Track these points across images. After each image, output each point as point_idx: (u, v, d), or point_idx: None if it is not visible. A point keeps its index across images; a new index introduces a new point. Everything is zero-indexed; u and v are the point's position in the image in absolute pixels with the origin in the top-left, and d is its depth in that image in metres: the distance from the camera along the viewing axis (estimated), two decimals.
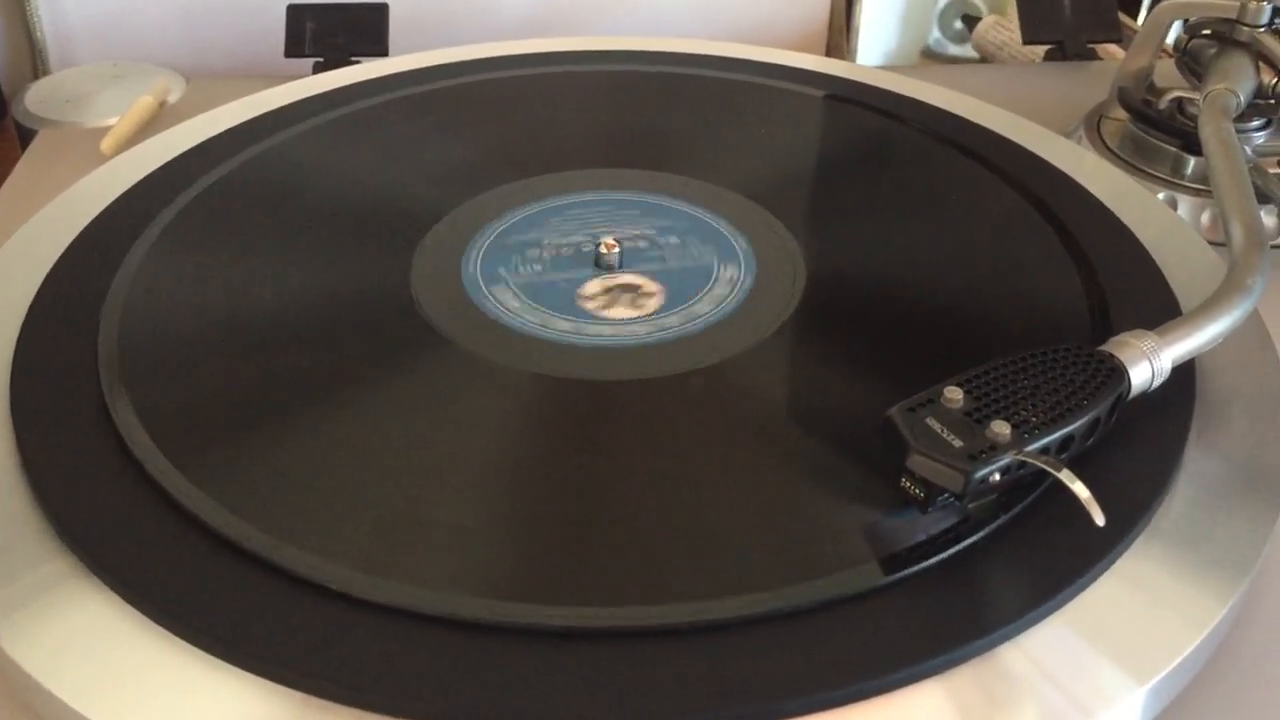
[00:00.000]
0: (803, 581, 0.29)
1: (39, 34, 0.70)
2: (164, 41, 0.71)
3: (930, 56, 0.80)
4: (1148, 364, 0.33)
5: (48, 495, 0.32)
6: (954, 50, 0.80)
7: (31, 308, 0.39)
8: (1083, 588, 0.30)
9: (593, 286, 0.41)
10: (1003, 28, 0.77)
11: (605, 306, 0.40)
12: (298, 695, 0.27)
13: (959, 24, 0.79)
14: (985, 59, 0.77)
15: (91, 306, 0.38)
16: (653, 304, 0.40)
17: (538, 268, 0.42)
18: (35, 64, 0.71)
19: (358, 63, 0.60)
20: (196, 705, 0.27)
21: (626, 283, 0.41)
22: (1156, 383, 0.34)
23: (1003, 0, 0.80)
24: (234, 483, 0.32)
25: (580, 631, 0.28)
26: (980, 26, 0.78)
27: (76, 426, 0.34)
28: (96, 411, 0.34)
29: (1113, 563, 0.30)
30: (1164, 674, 0.28)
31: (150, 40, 0.71)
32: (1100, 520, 0.29)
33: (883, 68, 0.59)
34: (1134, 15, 0.81)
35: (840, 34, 0.78)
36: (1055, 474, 0.29)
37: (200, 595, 0.29)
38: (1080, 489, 0.29)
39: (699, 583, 0.29)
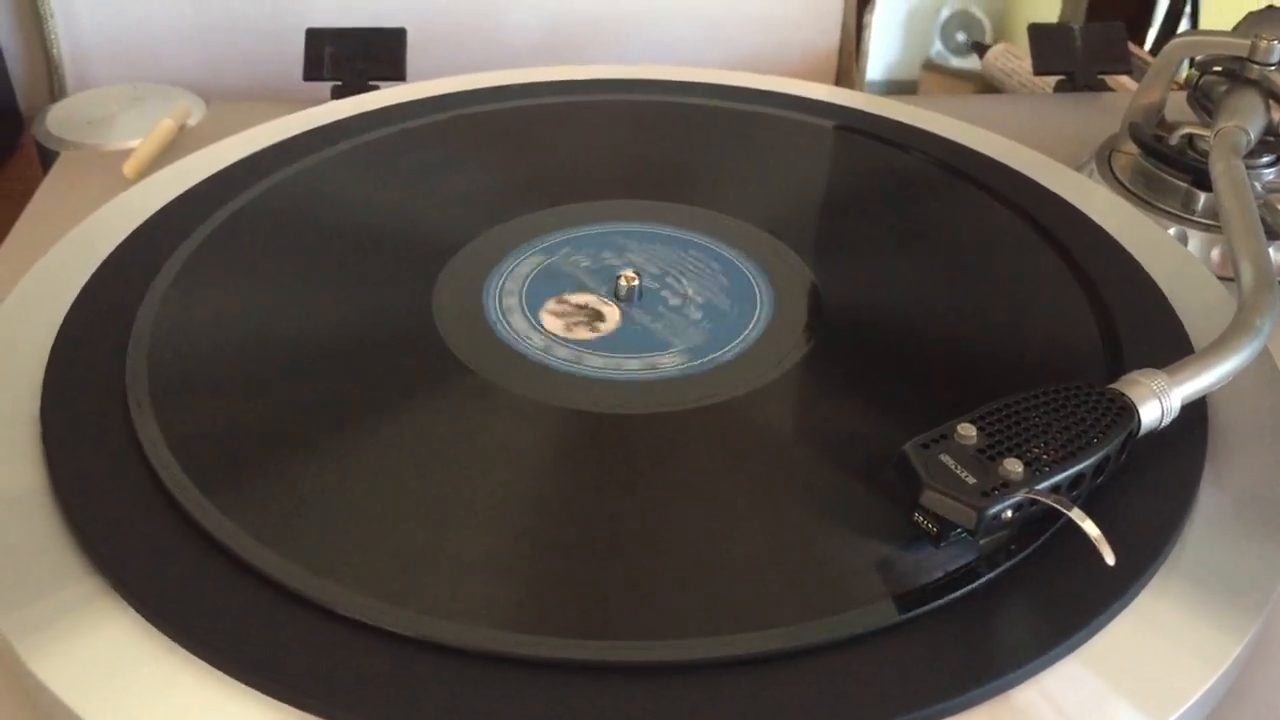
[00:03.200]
0: (814, 619, 0.29)
1: (56, 53, 0.71)
2: (181, 62, 0.72)
3: (932, 69, 0.81)
4: (1157, 403, 0.34)
5: (76, 517, 0.32)
6: (956, 63, 0.80)
7: (60, 332, 0.39)
8: (1099, 627, 0.30)
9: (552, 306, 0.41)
10: (1012, 55, 0.77)
11: (566, 329, 0.40)
12: None
13: (961, 37, 0.80)
14: (994, 86, 0.78)
15: (119, 332, 0.39)
16: (606, 328, 0.41)
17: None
18: (52, 84, 0.72)
19: (376, 87, 0.60)
20: None
21: (587, 305, 0.42)
22: (1166, 421, 0.34)
23: (1002, 11, 0.80)
24: (258, 508, 0.32)
25: (591, 665, 0.28)
26: (990, 54, 0.79)
27: (105, 450, 0.34)
28: (124, 436, 0.35)
29: (1129, 601, 0.31)
30: (1180, 712, 0.28)
31: (167, 61, 0.71)
32: (1110, 559, 0.29)
33: (896, 95, 0.60)
34: (1141, 41, 0.82)
35: (850, 58, 0.79)
36: (1066, 512, 0.30)
37: (223, 619, 0.29)
38: (1090, 528, 0.29)
39: (711, 619, 0.29)
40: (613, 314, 0.41)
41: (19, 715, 0.30)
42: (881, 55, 0.78)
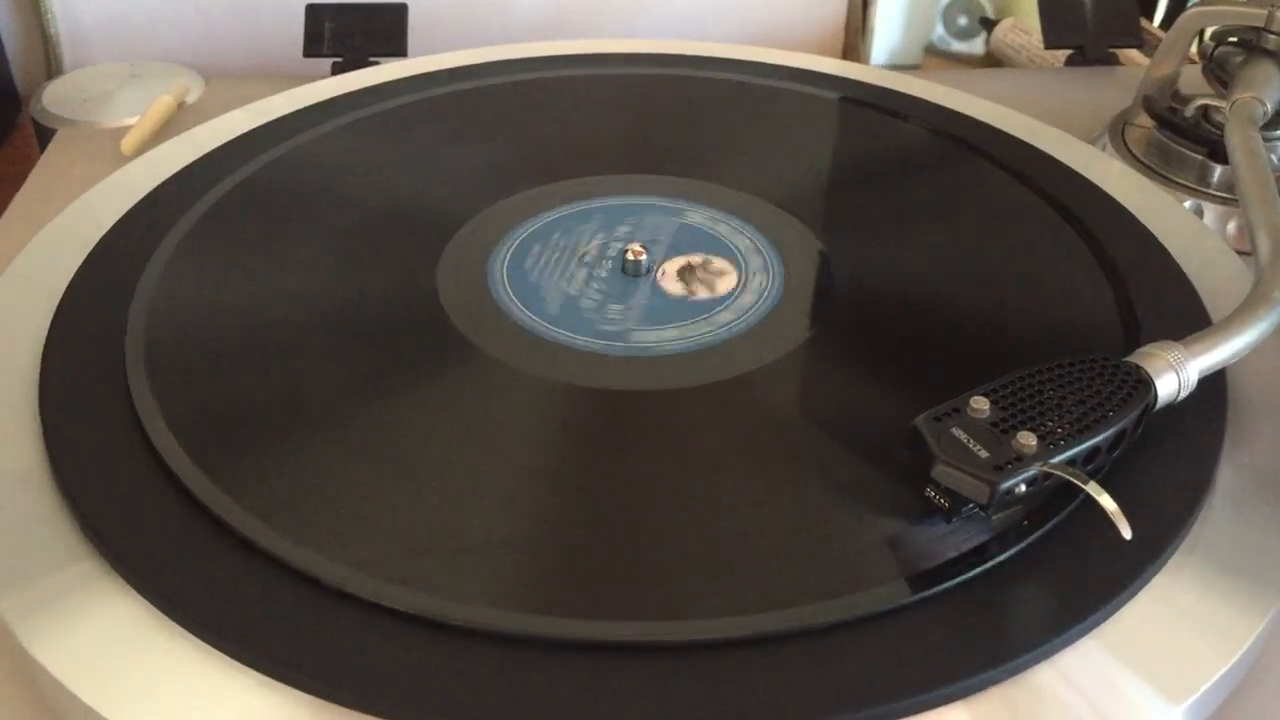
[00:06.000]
0: (828, 598, 0.29)
1: (53, 31, 0.70)
2: (179, 40, 0.71)
3: (935, 53, 0.80)
4: (1174, 375, 0.33)
5: (75, 496, 0.32)
6: (958, 46, 0.80)
7: (58, 309, 0.39)
8: (1117, 607, 0.29)
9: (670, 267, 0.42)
10: (1020, 31, 0.77)
11: (676, 282, 0.41)
12: (319, 702, 0.27)
13: (963, 21, 0.79)
14: (1003, 62, 0.77)
15: (118, 309, 0.38)
16: (724, 284, 0.41)
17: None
18: (49, 62, 0.71)
19: (377, 63, 0.60)
20: (217, 709, 0.27)
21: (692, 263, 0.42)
22: (1183, 394, 0.33)
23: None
24: (259, 486, 0.32)
25: (600, 645, 0.28)
26: (998, 29, 0.78)
27: (104, 429, 0.34)
28: (124, 414, 0.34)
29: (1147, 581, 0.30)
30: (1199, 693, 0.28)
31: (165, 38, 0.71)
32: (1127, 533, 0.29)
33: (907, 73, 0.59)
34: (1150, 17, 0.81)
35: (856, 36, 0.78)
36: (1082, 486, 0.29)
37: (224, 599, 0.29)
38: (1107, 501, 0.29)
39: (722, 598, 0.29)
40: (730, 274, 0.42)
41: (21, 698, 0.29)
42: (884, 40, 0.78)
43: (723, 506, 0.32)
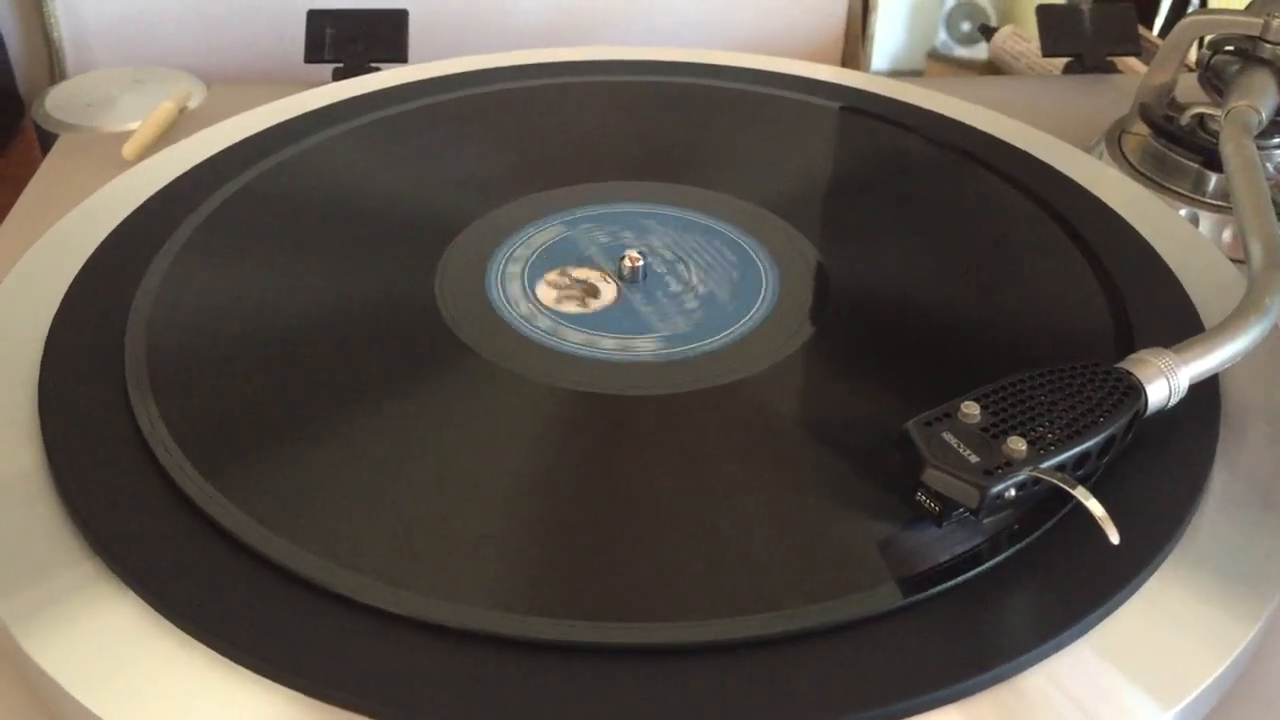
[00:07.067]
0: (820, 601, 0.29)
1: (56, 35, 0.71)
2: (181, 45, 0.71)
3: (937, 58, 0.80)
4: (1165, 382, 0.33)
5: (74, 499, 0.32)
6: (960, 52, 0.80)
7: (59, 314, 0.39)
8: (1108, 612, 0.29)
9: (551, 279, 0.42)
10: (1020, 38, 0.77)
11: (556, 301, 0.41)
12: (316, 703, 0.27)
13: (966, 26, 0.79)
14: (1002, 69, 0.77)
15: (118, 314, 0.39)
16: (598, 304, 0.41)
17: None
18: (52, 67, 0.71)
19: (378, 69, 0.60)
20: (215, 710, 0.27)
21: (586, 280, 0.42)
22: (1174, 401, 0.34)
23: (1010, 3, 0.80)
24: (258, 490, 0.32)
25: (594, 647, 0.28)
26: (997, 37, 0.78)
27: (103, 432, 0.34)
28: (123, 418, 0.34)
29: (1139, 586, 0.30)
30: (1191, 698, 0.28)
31: (168, 44, 0.71)
32: (1115, 538, 0.29)
33: (903, 80, 0.59)
34: (1150, 25, 0.81)
35: (855, 43, 0.78)
36: (1070, 491, 0.29)
37: (223, 602, 0.29)
38: (1095, 506, 0.29)
39: (714, 601, 0.29)
40: (609, 292, 0.41)
41: (20, 702, 0.30)
42: (887, 45, 0.78)
43: (717, 510, 0.32)
